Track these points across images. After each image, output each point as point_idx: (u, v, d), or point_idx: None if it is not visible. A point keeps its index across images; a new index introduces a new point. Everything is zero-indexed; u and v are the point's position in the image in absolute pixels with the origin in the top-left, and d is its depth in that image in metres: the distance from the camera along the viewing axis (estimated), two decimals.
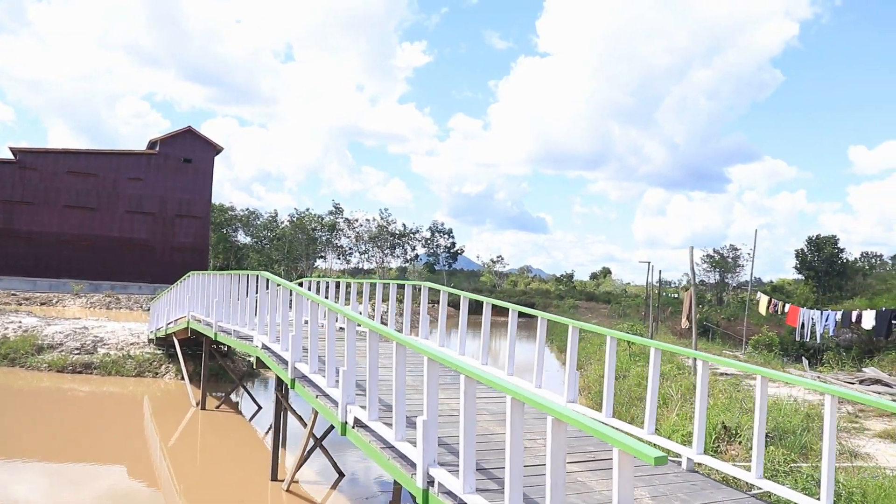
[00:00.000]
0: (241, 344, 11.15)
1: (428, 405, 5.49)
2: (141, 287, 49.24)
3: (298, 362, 8.43)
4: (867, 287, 57.95)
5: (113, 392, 18.70)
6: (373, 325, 6.43)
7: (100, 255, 49.90)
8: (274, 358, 9.37)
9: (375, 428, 6.48)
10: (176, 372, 19.91)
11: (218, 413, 15.83)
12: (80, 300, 42.77)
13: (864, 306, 24.52)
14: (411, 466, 5.83)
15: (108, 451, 12.99)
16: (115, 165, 51.12)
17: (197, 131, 54.21)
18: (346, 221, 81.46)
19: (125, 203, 51.37)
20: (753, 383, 16.54)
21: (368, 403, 6.55)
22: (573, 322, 8.79)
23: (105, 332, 22.78)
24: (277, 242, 76.63)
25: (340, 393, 6.97)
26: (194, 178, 53.16)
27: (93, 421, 15.41)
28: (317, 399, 7.74)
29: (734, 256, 77.33)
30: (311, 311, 8.05)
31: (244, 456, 13.09)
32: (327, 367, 7.54)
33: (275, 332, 9.60)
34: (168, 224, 52.74)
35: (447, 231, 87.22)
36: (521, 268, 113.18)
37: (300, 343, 8.50)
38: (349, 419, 6.89)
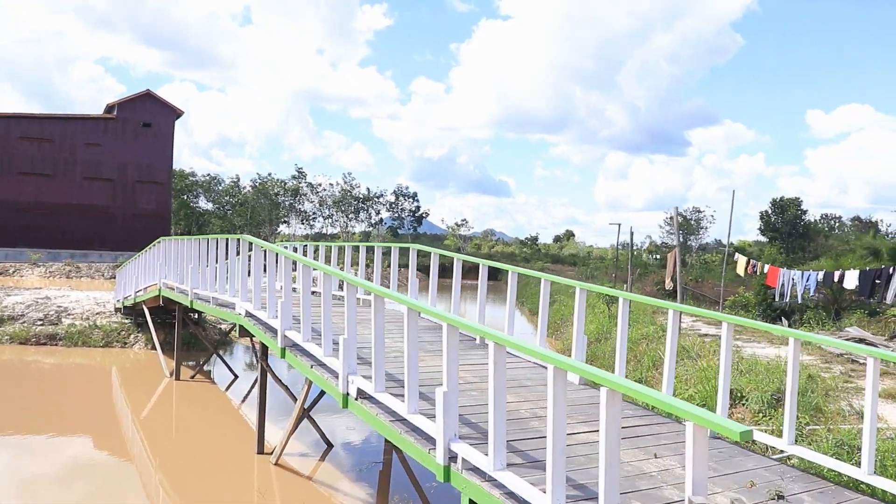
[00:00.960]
0: (222, 312, 10.59)
1: (448, 375, 5.04)
2: (102, 255, 47.92)
3: (289, 330, 7.91)
4: (829, 248, 58.75)
5: (80, 363, 18.00)
6: (380, 289, 5.94)
7: (58, 223, 48.34)
8: (260, 326, 8.85)
9: (383, 400, 6.03)
10: (146, 341, 19.24)
11: (192, 383, 15.27)
12: (38, 269, 41.49)
13: (831, 267, 24.56)
14: (428, 441, 5.39)
15: (75, 424, 12.41)
16: (72, 131, 49.34)
17: (156, 95, 52.55)
18: (309, 186, 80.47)
19: (83, 169, 49.70)
20: (740, 344, 16.43)
21: (374, 373, 6.07)
22: (581, 284, 8.38)
23: (69, 302, 21.95)
24: (240, 208, 75.40)
25: (341, 363, 6.49)
26: (154, 142, 51.59)
27: (58, 393, 14.75)
28: (312, 369, 7.26)
29: (697, 219, 78.01)
30: (302, 275, 7.52)
31: (223, 428, 12.58)
32: (323, 336, 7.04)
33: (259, 299, 9.05)
34: (128, 190, 51.24)
35: (412, 195, 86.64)
36: (485, 231, 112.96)
37: (290, 310, 7.98)
38: (351, 390, 6.42)
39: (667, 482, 5.14)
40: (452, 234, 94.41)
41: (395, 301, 5.83)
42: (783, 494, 5.09)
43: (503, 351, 4.66)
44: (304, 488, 9.15)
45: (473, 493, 4.78)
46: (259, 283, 9.05)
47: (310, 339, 7.53)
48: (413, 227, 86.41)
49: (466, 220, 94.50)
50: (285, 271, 8.01)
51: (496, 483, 4.67)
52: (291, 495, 8.87)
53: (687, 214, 79.19)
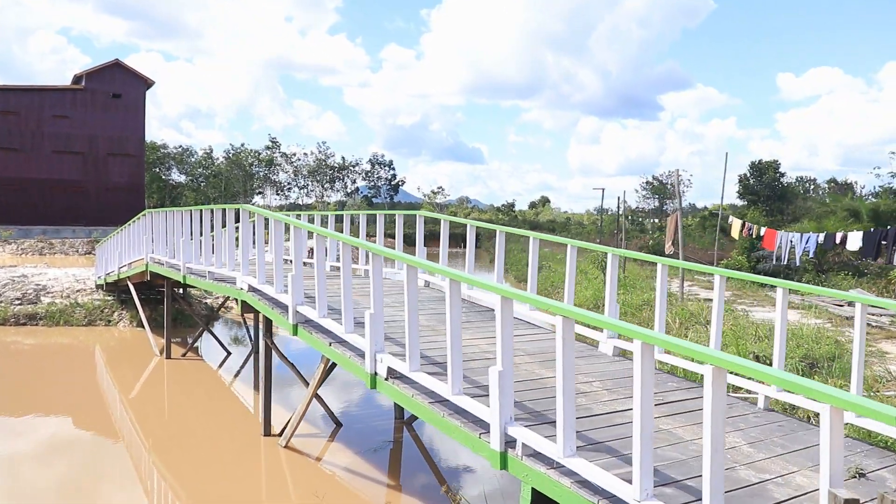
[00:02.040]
0: (220, 287, 10.04)
1: (503, 352, 4.59)
2: (75, 231, 46.73)
3: (301, 305, 7.40)
4: (807, 210, 58.98)
5: (63, 343, 17.36)
6: (417, 260, 5.45)
7: (28, 199, 46.97)
8: (266, 301, 8.32)
9: (419, 380, 5.56)
10: (131, 319, 18.61)
11: (184, 361, 14.71)
12: (9, 247, 40.41)
13: (814, 229, 24.49)
14: (477, 425, 4.95)
15: (59, 404, 11.84)
16: (38, 103, 47.74)
17: (125, 64, 50.96)
18: (283, 156, 79.27)
19: (51, 142, 48.20)
20: (742, 308, 16.18)
21: (409, 351, 5.60)
22: (610, 249, 7.95)
23: (47, 280, 21.20)
24: (214, 180, 74.13)
25: (367, 340, 6.00)
26: (125, 114, 50.15)
27: (40, 374, 14.16)
28: (331, 347, 6.76)
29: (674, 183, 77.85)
30: (317, 245, 6.99)
31: (220, 408, 12.08)
32: (345, 311, 6.54)
33: (264, 273, 8.51)
34: (100, 163, 49.86)
35: (387, 163, 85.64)
36: (460, 198, 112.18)
37: (301, 284, 7.46)
38: (380, 370, 5.95)
39: (738, 462, 4.74)
40: (429, 202, 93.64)
41: (431, 272, 5.35)
42: (864, 472, 4.72)
43: (572, 325, 4.20)
44: (315, 471, 8.71)
45: (538, 482, 4.35)
46: (263, 255, 8.50)
47: (326, 315, 7.02)
48: (390, 195, 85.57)
49: (443, 188, 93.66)
50: (295, 243, 7.46)
51: (565, 470, 4.24)
52: (303, 479, 8.42)
53: (663, 179, 79.09)
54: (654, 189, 79.80)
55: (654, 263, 7.69)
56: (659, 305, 7.15)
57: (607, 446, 4.74)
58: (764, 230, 19.51)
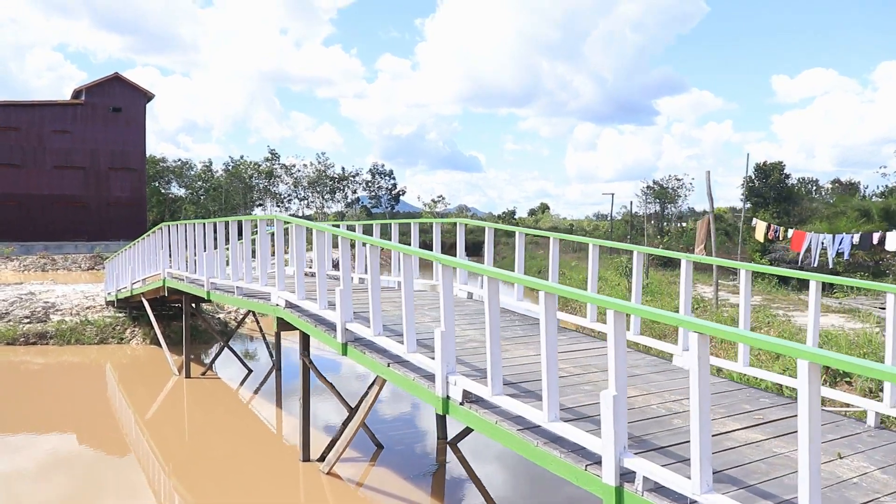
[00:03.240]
0: (250, 303, 9.49)
1: (617, 375, 4.05)
2: (77, 246, 46.17)
3: (351, 322, 6.86)
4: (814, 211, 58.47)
5: (74, 362, 16.79)
6: (496, 271, 4.92)
7: (29, 215, 46.41)
8: (306, 318, 7.77)
9: (503, 404, 5.02)
10: (144, 336, 18.05)
11: (203, 381, 14.14)
12: (12, 263, 39.80)
13: (826, 230, 24.01)
14: (580, 455, 4.40)
15: (72, 426, 11.44)
16: (39, 118, 47.25)
17: (125, 78, 50.51)
18: (283, 167, 78.81)
19: (53, 158, 47.70)
20: (782, 313, 15.63)
21: (491, 372, 5.05)
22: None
23: (55, 297, 20.62)
24: (213, 193, 73.59)
25: (438, 361, 5.45)
26: (126, 128, 49.66)
27: (53, 394, 13.64)
28: (389, 368, 6.21)
29: (677, 187, 77.36)
30: (370, 257, 6.45)
31: (248, 430, 11.50)
32: (406, 329, 5.99)
33: (304, 288, 7.97)
34: (101, 178, 49.33)
35: (388, 173, 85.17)
36: (459, 207, 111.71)
37: (350, 300, 6.92)
38: (453, 393, 5.40)
39: (879, 492, 4.20)
40: (429, 211, 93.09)
41: (506, 281, 4.82)
42: None
43: (706, 341, 3.67)
44: (359, 500, 8.16)
45: None
46: (303, 269, 7.95)
47: (382, 333, 6.48)
48: (390, 205, 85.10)
49: (443, 197, 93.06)
50: (343, 255, 6.93)
51: None
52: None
53: (664, 183, 78.65)
54: (657, 193, 79.37)
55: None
56: (743, 313, 6.61)
57: (729, 476, 4.20)
58: (791, 232, 18.98)
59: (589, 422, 4.83)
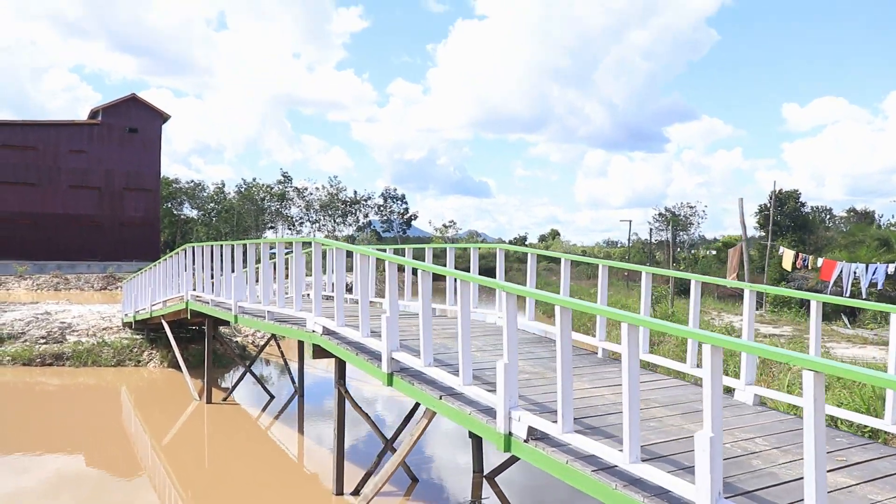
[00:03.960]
0: (282, 328, 9.20)
1: (713, 414, 3.75)
2: (90, 266, 46.08)
3: (397, 351, 6.56)
4: (830, 240, 58.00)
5: (89, 384, 16.49)
6: (574, 302, 4.64)
7: (43, 234, 46.42)
8: (346, 346, 7.48)
9: (574, 442, 4.71)
10: (161, 359, 17.77)
11: (225, 407, 13.82)
12: (25, 282, 39.73)
13: (846, 258, 23.69)
14: (665, 500, 4.09)
15: (86, 450, 11.14)
16: (55, 137, 47.40)
17: (142, 99, 50.71)
18: (295, 190, 78.86)
19: (68, 177, 47.79)
20: None
21: (562, 409, 4.75)
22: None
23: (72, 317, 20.41)
24: (226, 214, 73.62)
25: (501, 396, 5.15)
26: (141, 148, 49.78)
27: (67, 417, 13.42)
28: (441, 401, 5.90)
29: (690, 214, 77.00)
30: (423, 284, 6.17)
31: (273, 460, 11.17)
32: (463, 359, 5.69)
33: (343, 314, 7.68)
34: (116, 198, 49.37)
35: (400, 197, 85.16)
36: (470, 232, 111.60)
37: (396, 327, 6.63)
38: (517, 430, 5.09)
39: None
40: (440, 236, 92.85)
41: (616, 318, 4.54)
42: None
43: (822, 379, 3.37)
44: None
45: None
46: (342, 293, 7.67)
47: (433, 363, 6.18)
48: (402, 229, 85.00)
49: (455, 222, 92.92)
50: (390, 281, 6.63)
51: None
52: None
53: (675, 210, 78.44)
54: (669, 221, 79.07)
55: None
56: (814, 341, 6.30)
57: None
58: (821, 261, 18.66)
59: (667, 462, 4.52)
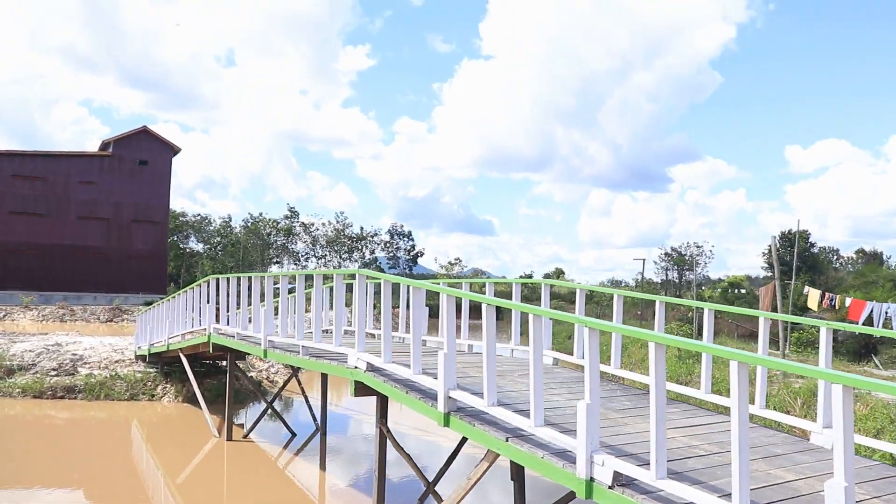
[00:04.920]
0: (318, 364, 8.87)
1: (846, 462, 3.42)
2: (96, 297, 45.75)
3: (455, 390, 6.23)
4: (840, 281, 57.75)
5: (100, 418, 16.09)
6: (670, 339, 4.33)
7: (50, 265, 46.15)
8: (394, 384, 7.14)
9: (667, 489, 4.36)
10: (176, 393, 17.38)
11: (245, 444, 13.40)
12: (30, 313, 39.36)
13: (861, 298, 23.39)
14: None
15: (96, 488, 10.73)
16: (65, 168, 47.36)
17: (153, 131, 50.77)
18: (302, 226, 78.64)
19: (77, 208, 47.65)
20: None
21: (655, 452, 4.41)
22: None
23: (83, 349, 20.03)
24: (232, 248, 73.34)
25: (582, 439, 4.80)
26: (151, 180, 49.70)
27: (79, 453, 13.05)
28: (509, 444, 5.56)
29: (697, 254, 76.59)
30: (487, 318, 5.86)
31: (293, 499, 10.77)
32: (534, 399, 5.36)
33: (390, 350, 7.35)
34: (124, 230, 49.17)
35: (406, 234, 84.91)
36: (474, 270, 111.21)
37: (454, 365, 6.29)
38: (599, 475, 4.75)
39: None
40: (445, 273, 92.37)
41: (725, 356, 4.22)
42: None
43: None
44: None
45: None
46: (389, 328, 7.34)
47: (496, 403, 5.84)
48: (409, 266, 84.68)
49: (460, 259, 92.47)
50: (447, 315, 6.31)
51: None
52: None
53: (682, 250, 78.19)
54: (675, 260, 78.81)
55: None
56: None
57: None
58: (850, 301, 18.33)
59: None
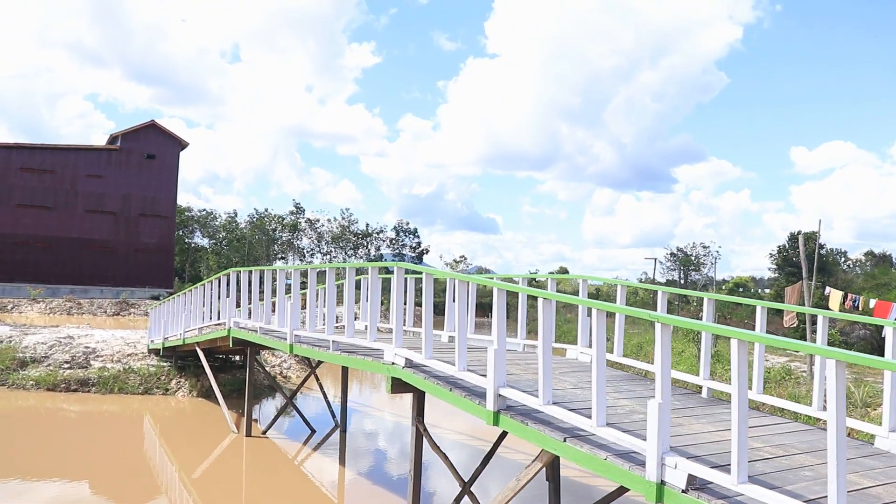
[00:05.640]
0: (350, 360, 8.66)
1: None
2: (103, 291, 45.62)
3: (505, 388, 6.00)
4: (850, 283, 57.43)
5: (113, 412, 15.88)
6: (764, 337, 4.09)
7: (57, 258, 46.01)
8: (436, 380, 6.91)
9: (749, 493, 4.13)
10: (190, 388, 17.19)
11: (263, 440, 13.18)
12: (38, 306, 39.24)
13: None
14: None
15: (110, 483, 10.54)
16: (73, 162, 47.21)
17: (161, 125, 50.63)
18: (307, 222, 78.44)
19: (84, 202, 47.51)
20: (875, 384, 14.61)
21: (737, 458, 4.18)
22: None
23: (95, 343, 19.82)
24: (237, 244, 73.16)
25: (652, 441, 4.58)
26: (159, 174, 49.52)
27: (92, 447, 12.91)
28: (566, 444, 5.33)
29: (704, 255, 76.22)
30: (545, 314, 5.64)
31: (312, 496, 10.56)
32: (596, 399, 5.13)
33: (431, 346, 7.12)
34: (131, 224, 49.00)
35: (412, 231, 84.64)
36: (478, 268, 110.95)
37: (504, 362, 6.07)
38: (672, 478, 4.52)
39: None
40: (450, 271, 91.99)
41: None
42: None
43: None
44: None
45: None
46: (431, 324, 7.12)
47: (552, 402, 5.62)
48: (414, 263, 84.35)
49: (465, 257, 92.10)
50: (498, 310, 6.08)
51: None
52: None
53: (687, 250, 77.85)
54: (681, 261, 78.48)
55: None
56: None
57: None
58: (874, 302, 18.03)
59: None
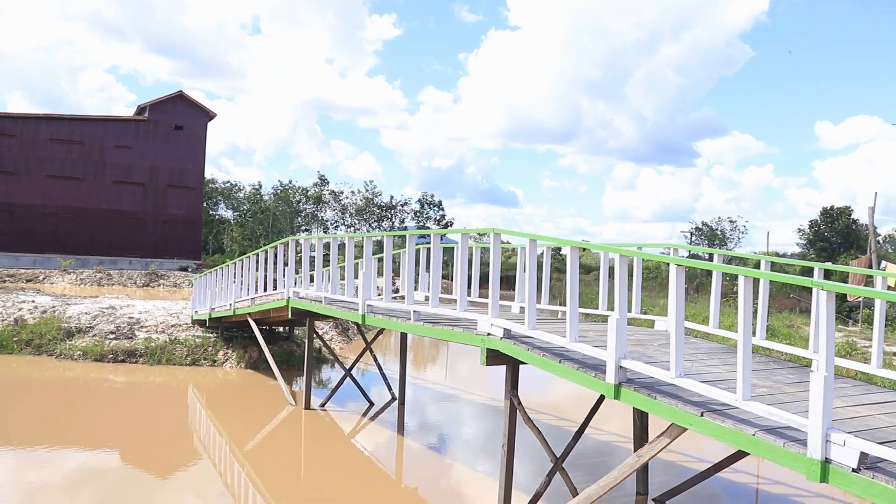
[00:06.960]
0: (436, 331, 8.43)
1: None
2: (132, 262, 45.72)
3: (626, 360, 5.74)
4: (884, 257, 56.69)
5: (160, 383, 15.78)
6: None
7: (86, 229, 46.08)
8: (541, 352, 6.66)
9: None
10: (238, 359, 17.10)
11: (323, 414, 13.02)
12: (69, 276, 39.30)
13: None
14: None
15: (158, 456, 10.36)
16: (102, 133, 47.10)
17: (188, 96, 50.34)
18: (331, 194, 78.22)
19: (113, 173, 47.44)
20: None
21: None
22: None
23: (138, 313, 19.77)
24: (261, 216, 73.13)
25: (815, 417, 4.31)
26: (186, 145, 49.34)
27: (129, 416, 12.78)
28: (703, 418, 5.07)
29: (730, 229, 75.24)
30: (677, 281, 5.35)
31: (379, 474, 10.38)
32: (743, 371, 4.86)
33: (535, 315, 6.86)
34: (159, 195, 48.95)
35: (437, 203, 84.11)
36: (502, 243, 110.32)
37: (624, 333, 5.80)
38: (838, 456, 4.25)
39: None
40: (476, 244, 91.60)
41: None
42: None
43: None
44: None
45: None
46: (534, 295, 6.86)
47: (683, 374, 5.35)
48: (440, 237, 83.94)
49: None
50: (621, 279, 5.79)
51: None
52: None
53: (713, 225, 76.92)
54: (705, 235, 77.65)
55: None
56: None
57: None
58: None
59: None
